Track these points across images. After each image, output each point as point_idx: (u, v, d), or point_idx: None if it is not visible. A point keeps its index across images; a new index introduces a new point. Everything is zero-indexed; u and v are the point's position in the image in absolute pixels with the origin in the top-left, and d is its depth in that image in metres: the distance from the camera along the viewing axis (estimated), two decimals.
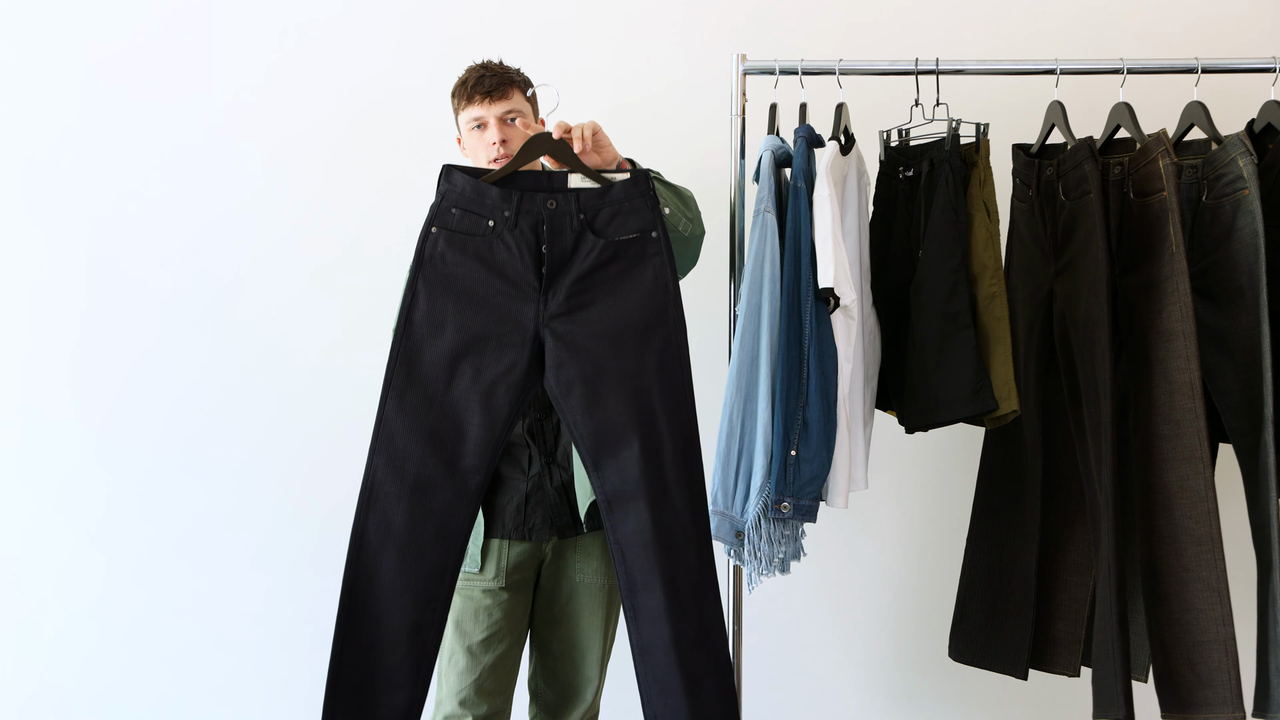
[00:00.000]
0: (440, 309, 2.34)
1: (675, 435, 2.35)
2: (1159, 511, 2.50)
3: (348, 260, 3.34)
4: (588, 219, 2.35)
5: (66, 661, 3.39)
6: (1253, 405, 2.49)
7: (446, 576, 2.36)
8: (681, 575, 2.34)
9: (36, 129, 3.34)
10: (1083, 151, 2.57)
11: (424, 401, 2.34)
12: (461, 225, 2.35)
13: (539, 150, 2.40)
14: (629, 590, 2.36)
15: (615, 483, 2.34)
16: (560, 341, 2.34)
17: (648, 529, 2.32)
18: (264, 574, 3.37)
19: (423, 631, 2.35)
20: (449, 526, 2.35)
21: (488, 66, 2.62)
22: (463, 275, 2.35)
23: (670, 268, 2.37)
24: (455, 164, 2.39)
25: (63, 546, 3.37)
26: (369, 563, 2.34)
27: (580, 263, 2.34)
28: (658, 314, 2.35)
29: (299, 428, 3.36)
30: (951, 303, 2.58)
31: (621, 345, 2.33)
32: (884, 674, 3.41)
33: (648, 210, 2.37)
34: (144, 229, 3.35)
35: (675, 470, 2.34)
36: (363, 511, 2.35)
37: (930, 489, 3.38)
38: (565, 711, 2.74)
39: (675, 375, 2.36)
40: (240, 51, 3.34)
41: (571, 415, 2.34)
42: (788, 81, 2.69)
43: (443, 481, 2.34)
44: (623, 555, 2.35)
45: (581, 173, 2.39)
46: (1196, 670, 2.46)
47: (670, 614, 2.33)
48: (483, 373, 2.34)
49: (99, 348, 3.36)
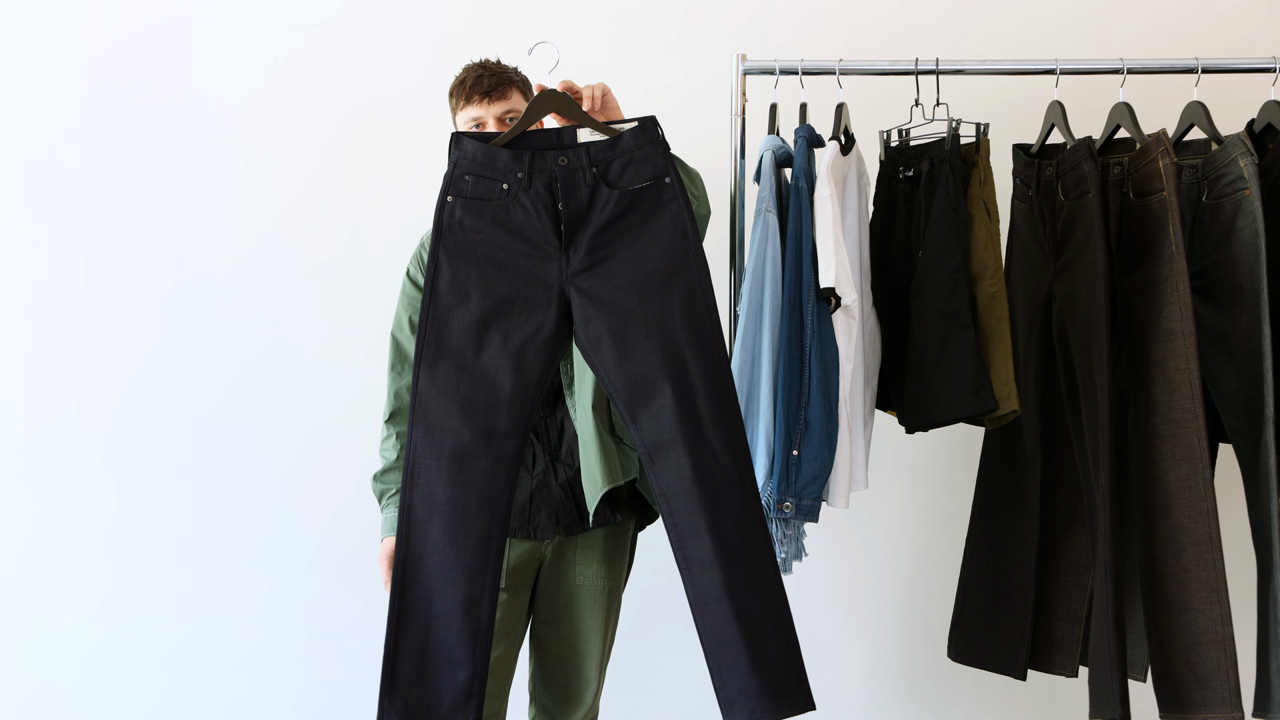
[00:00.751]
0: (464, 277, 2.32)
1: (707, 380, 2.31)
2: (1158, 511, 2.51)
3: (349, 260, 3.34)
4: (600, 172, 2.33)
5: (69, 665, 3.39)
6: (1253, 405, 2.49)
7: (493, 546, 2.34)
8: (727, 520, 2.30)
9: (34, 132, 3.34)
10: (1081, 152, 2.57)
11: (455, 371, 2.32)
12: (476, 191, 2.33)
13: (545, 108, 2.37)
14: (679, 541, 2.32)
15: (653, 432, 2.31)
16: (585, 297, 2.31)
17: (689, 475, 2.29)
18: (266, 575, 3.38)
19: (475, 604, 2.33)
20: (490, 494, 2.33)
21: (485, 66, 2.60)
22: (482, 241, 2.32)
23: (688, 211, 2.33)
24: (463, 131, 2.37)
25: (66, 550, 3.37)
26: (418, 538, 2.33)
27: (598, 216, 2.32)
28: (679, 259, 2.32)
29: (302, 430, 3.36)
30: (951, 303, 2.58)
31: (646, 293, 2.30)
32: (884, 674, 3.42)
33: (659, 156, 2.34)
34: (144, 231, 3.35)
35: (711, 415, 2.30)
36: (408, 487, 2.34)
37: (930, 489, 3.38)
38: (564, 713, 2.73)
39: (702, 319, 2.31)
40: (237, 53, 3.34)
41: (604, 369, 2.32)
42: (788, 81, 2.69)
43: (480, 450, 2.32)
44: (669, 505, 2.32)
45: (589, 126, 2.36)
46: (1195, 670, 2.46)
47: (720, 560, 2.29)
48: (511, 336, 2.32)
49: (101, 351, 3.36)
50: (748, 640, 2.30)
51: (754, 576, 2.32)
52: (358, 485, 3.19)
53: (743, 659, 2.31)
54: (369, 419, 3.22)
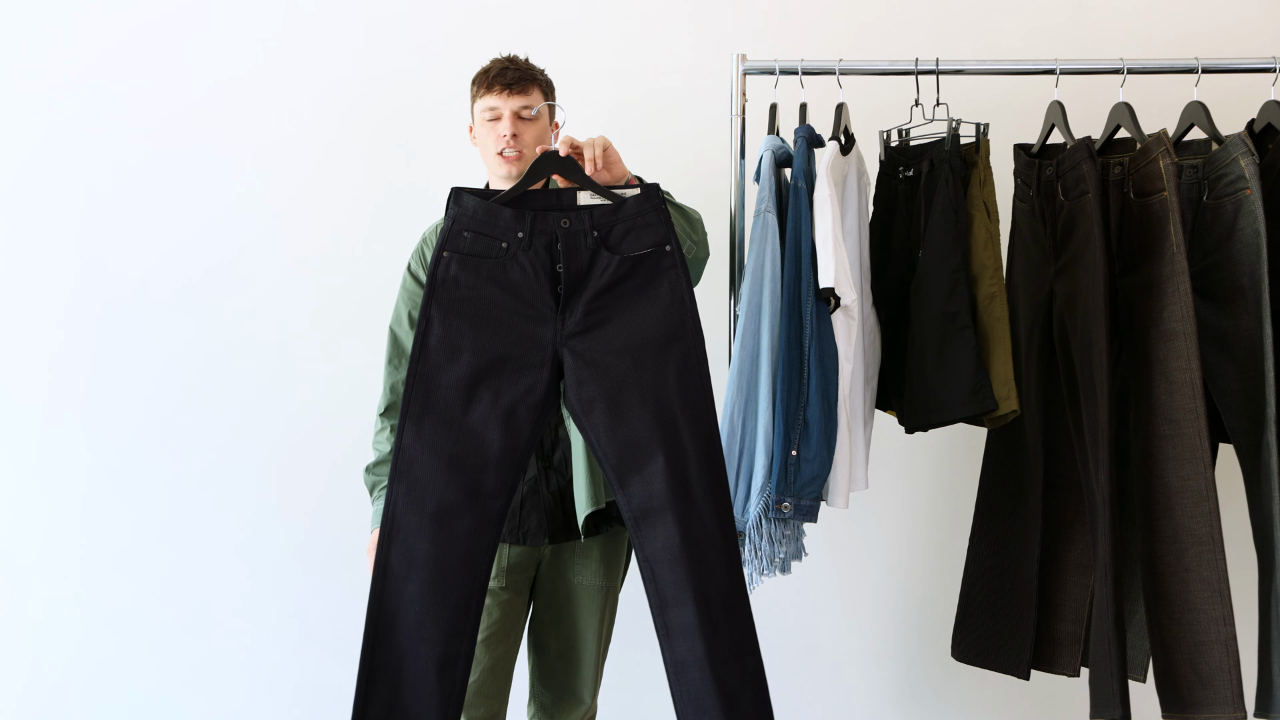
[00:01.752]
0: (455, 333, 2.31)
1: (699, 447, 2.31)
2: (1160, 511, 2.50)
3: (323, 247, 3.34)
4: (602, 236, 2.33)
5: (55, 652, 3.39)
6: (1254, 405, 2.49)
7: (472, 607, 2.31)
8: (712, 589, 2.30)
9: (21, 126, 3.34)
10: (1081, 152, 2.57)
11: (442, 428, 2.31)
12: (474, 248, 2.33)
13: (547, 169, 2.38)
14: (660, 607, 2.32)
15: (641, 498, 2.31)
16: (580, 359, 2.31)
17: (676, 543, 2.29)
18: (245, 563, 3.38)
19: (450, 665, 2.29)
20: (473, 554, 2.31)
21: (512, 60, 2.60)
22: (477, 298, 2.32)
23: (685, 280, 2.34)
24: (463, 187, 2.37)
25: (44, 538, 3.38)
26: (392, 596, 2.29)
27: (596, 280, 2.32)
28: (675, 327, 2.32)
29: (287, 419, 3.37)
30: (951, 303, 2.58)
31: (641, 360, 2.31)
32: (884, 673, 3.41)
33: (661, 224, 2.34)
34: (126, 220, 3.34)
35: (701, 482, 2.31)
36: (385, 544, 2.30)
37: (930, 489, 3.38)
38: (563, 712, 2.74)
39: (696, 387, 2.32)
40: (231, 50, 3.34)
41: (594, 433, 2.32)
42: (788, 81, 2.69)
43: (464, 508, 2.30)
44: (652, 572, 2.32)
45: (591, 190, 2.36)
46: (1198, 670, 2.46)
47: (703, 629, 2.29)
48: (501, 395, 2.31)
49: (82, 341, 3.35)
50: (727, 709, 2.30)
51: (735, 646, 2.32)
52: (338, 469, 3.25)
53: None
54: (354, 408, 3.26)
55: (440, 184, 2.96)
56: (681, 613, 2.30)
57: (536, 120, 2.57)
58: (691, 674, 2.30)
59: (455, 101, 3.31)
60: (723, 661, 2.30)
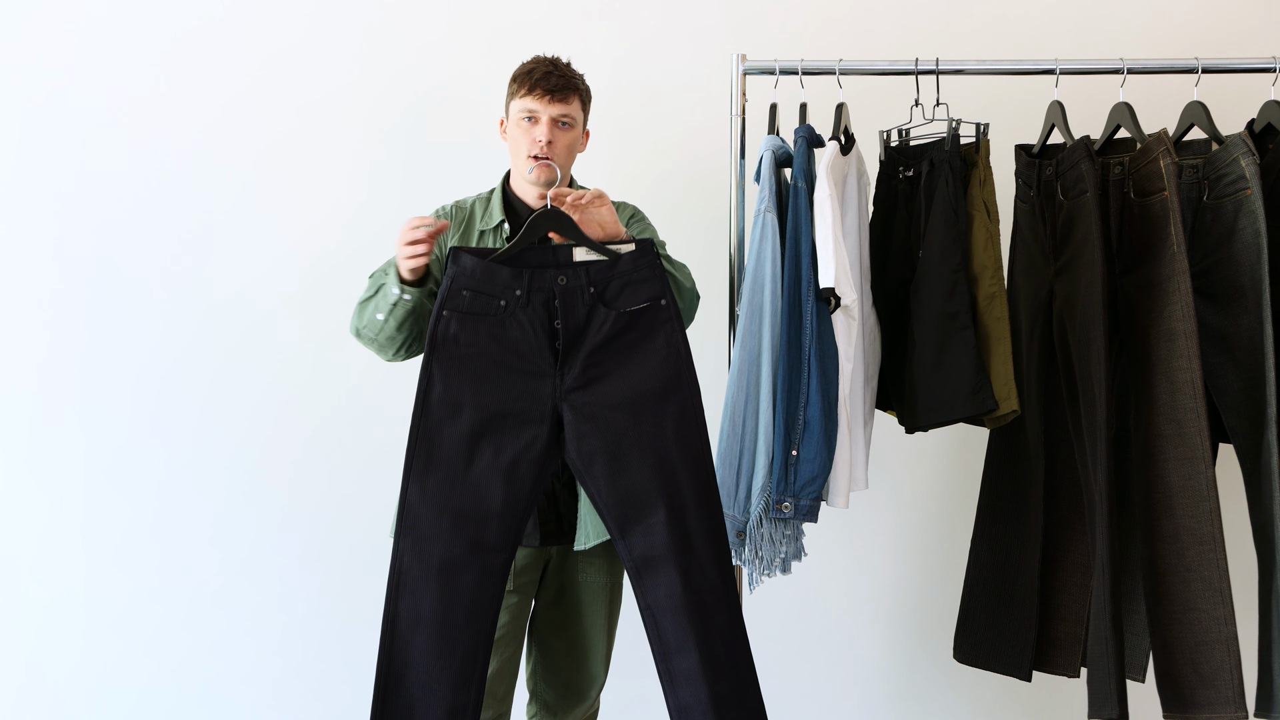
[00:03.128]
0: (457, 390, 2.35)
1: (698, 497, 2.37)
2: (1161, 511, 2.50)
3: (303, 235, 3.33)
4: (598, 292, 2.37)
5: (53, 650, 3.38)
6: (1254, 405, 2.49)
7: (479, 657, 2.36)
8: (714, 635, 2.37)
9: (20, 124, 3.33)
10: (1079, 152, 2.57)
11: (446, 483, 2.35)
12: (473, 306, 2.36)
13: (543, 228, 2.40)
14: (663, 654, 2.38)
15: (643, 549, 2.36)
16: (579, 414, 2.36)
17: (678, 592, 2.35)
18: (219, 552, 3.36)
19: (460, 714, 2.35)
20: (478, 606, 2.36)
21: (556, 64, 2.59)
22: (477, 355, 2.36)
23: (681, 333, 2.39)
24: (461, 247, 2.39)
25: (44, 537, 3.36)
26: (401, 649, 2.35)
27: (594, 335, 2.36)
28: (672, 379, 2.38)
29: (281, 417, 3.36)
30: (951, 303, 2.58)
31: (640, 413, 2.36)
32: (883, 674, 3.41)
33: (656, 279, 2.39)
34: (122, 219, 3.33)
35: (701, 531, 2.36)
36: (393, 597, 2.35)
37: (931, 489, 3.38)
38: (567, 710, 2.74)
39: (693, 438, 2.38)
40: (229, 51, 3.34)
41: (595, 486, 2.37)
42: (788, 81, 2.69)
43: (469, 562, 2.35)
44: (654, 620, 2.38)
45: (586, 246, 2.40)
46: (1199, 670, 2.46)
47: (706, 675, 2.35)
48: (503, 450, 2.35)
49: (72, 338, 3.34)
50: None
51: (738, 689, 2.39)
52: (320, 459, 3.28)
53: None
54: (351, 401, 3.28)
55: (442, 185, 2.99)
56: (685, 660, 2.36)
57: (571, 129, 2.58)
58: (696, 718, 2.37)
59: (454, 102, 3.33)
60: (725, 705, 2.37)
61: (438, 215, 2.65)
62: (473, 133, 3.23)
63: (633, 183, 3.00)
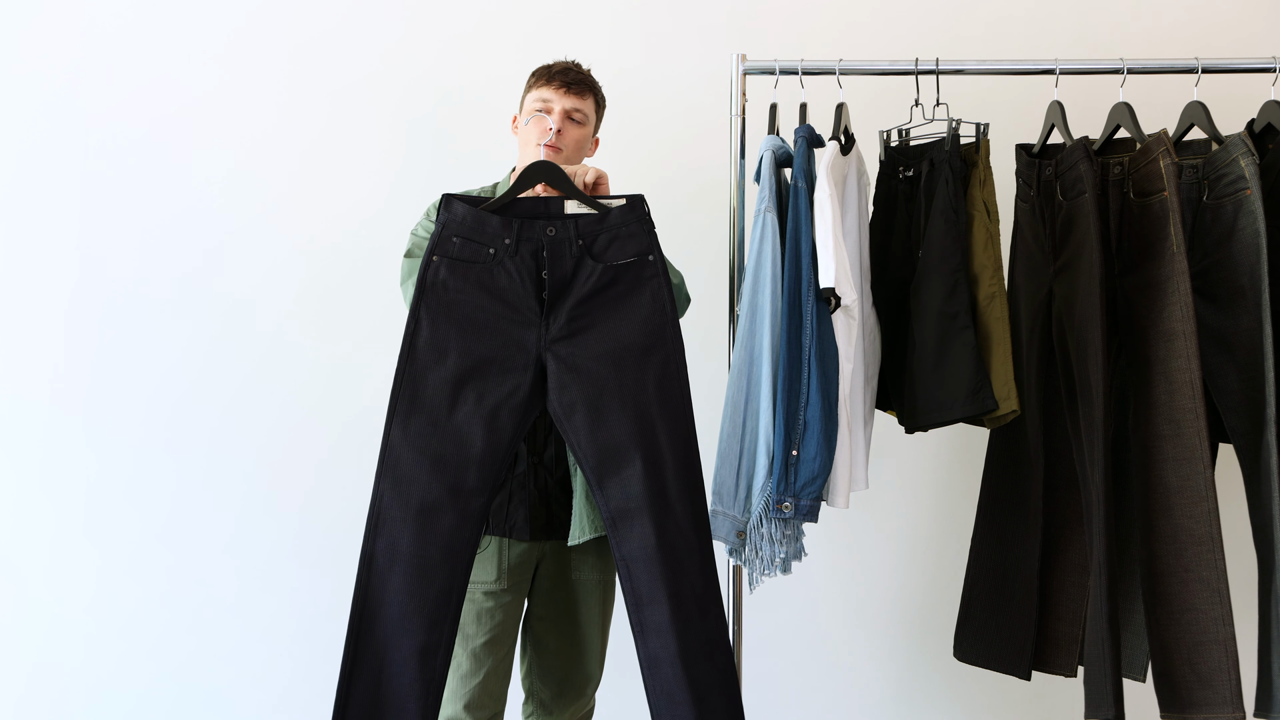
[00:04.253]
0: (443, 335, 2.39)
1: (676, 451, 2.40)
2: (1159, 511, 2.51)
3: (317, 245, 3.34)
4: (586, 244, 2.41)
5: (61, 654, 3.39)
6: (1254, 405, 2.49)
7: (453, 598, 2.39)
8: (685, 588, 2.38)
9: (25, 124, 3.34)
10: (1078, 152, 2.57)
11: (428, 426, 2.38)
12: (463, 253, 2.40)
13: (536, 178, 2.44)
14: (635, 605, 2.40)
15: (619, 500, 2.39)
16: (562, 364, 2.38)
17: (652, 543, 2.37)
18: (237, 560, 3.37)
19: (431, 654, 2.37)
20: (455, 549, 2.38)
21: (577, 66, 2.66)
22: (465, 301, 2.39)
23: (667, 289, 2.42)
24: (454, 193, 2.43)
25: (52, 539, 3.37)
26: (377, 586, 2.38)
27: (580, 287, 2.40)
28: (656, 335, 2.41)
29: (295, 418, 3.36)
30: (951, 303, 2.58)
31: (622, 366, 2.39)
32: (883, 673, 3.41)
33: (644, 234, 2.43)
34: (123, 218, 3.34)
35: (677, 486, 2.39)
36: (370, 535, 2.39)
37: (930, 489, 3.38)
38: (562, 708, 2.74)
39: (674, 393, 2.41)
40: (229, 47, 3.34)
41: (575, 436, 2.39)
42: (788, 81, 2.69)
43: (447, 505, 2.38)
44: (628, 570, 2.40)
45: (577, 199, 2.43)
46: (1197, 670, 2.46)
47: (676, 627, 2.37)
48: (486, 397, 2.38)
49: (87, 341, 3.35)
50: (697, 705, 2.38)
51: (707, 644, 2.40)
52: (334, 469, 3.27)
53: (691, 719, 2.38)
54: (355, 405, 3.27)
55: (442, 185, 2.99)
56: (655, 611, 2.38)
57: (582, 126, 2.62)
58: (664, 670, 2.38)
59: (453, 105, 3.33)
60: (695, 659, 2.38)
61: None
62: (480, 138, 3.25)
63: (633, 182, 3.00)
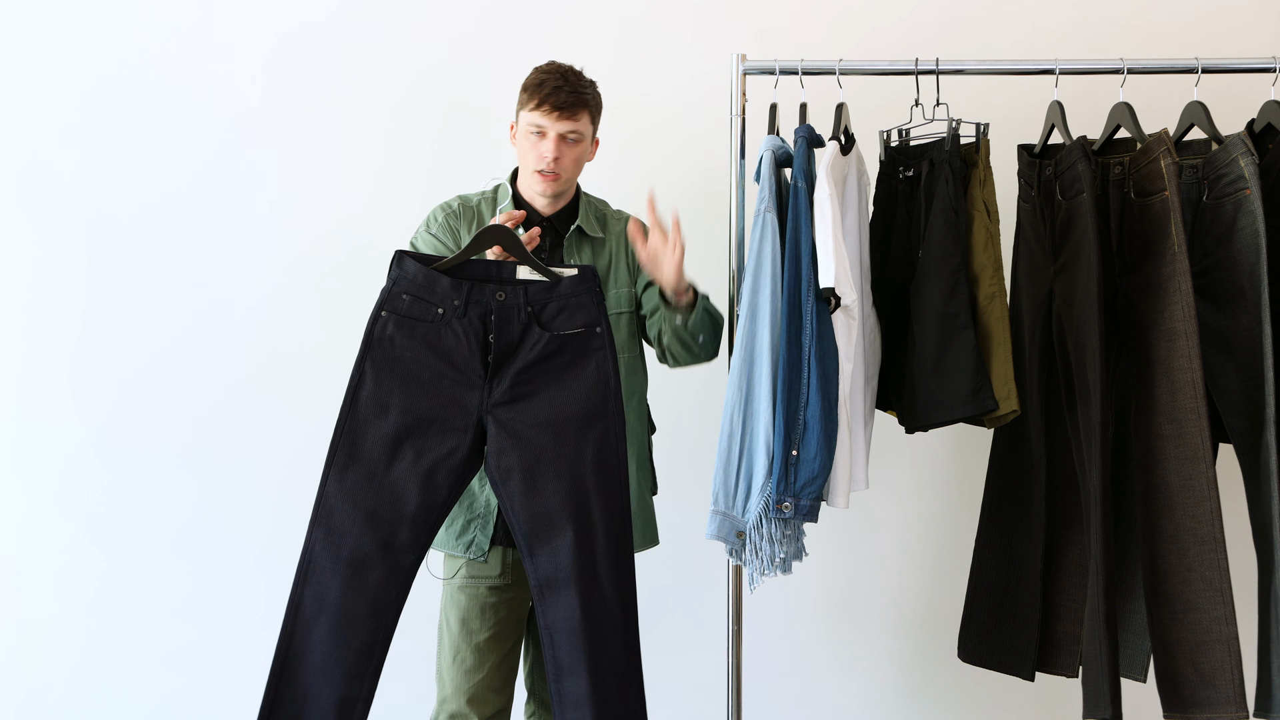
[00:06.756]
0: (386, 390, 2.41)
1: (608, 526, 2.42)
2: (1161, 511, 2.50)
3: (347, 260, 3.34)
4: (535, 312, 2.42)
5: (59, 659, 3.38)
6: (1254, 405, 2.49)
7: (375, 653, 2.41)
8: (607, 663, 2.41)
9: (36, 130, 3.34)
10: (1076, 152, 2.57)
11: (365, 480, 2.40)
12: (411, 311, 2.41)
13: (490, 241, 2.44)
14: (555, 675, 2.43)
15: (548, 569, 2.41)
16: (502, 428, 2.41)
17: (577, 615, 2.40)
18: (263, 574, 3.36)
19: (350, 706, 2.40)
20: (380, 604, 2.41)
21: (567, 78, 2.60)
22: (410, 359, 2.41)
23: (613, 362, 2.44)
24: (407, 250, 2.44)
25: (58, 544, 3.36)
26: (302, 634, 2.40)
27: (526, 353, 2.41)
28: (598, 407, 2.43)
29: (297, 427, 3.36)
30: (951, 303, 2.58)
31: (561, 435, 2.41)
32: (885, 673, 3.41)
33: (593, 306, 2.44)
34: (140, 227, 3.34)
35: (606, 560, 2.42)
36: (300, 583, 2.42)
37: (931, 489, 3.38)
38: None
39: (612, 467, 2.43)
40: (236, 54, 3.34)
41: (509, 501, 2.42)
42: (788, 81, 2.69)
43: (377, 560, 2.40)
44: (551, 640, 2.43)
45: (530, 265, 2.44)
46: (1199, 670, 2.46)
47: (594, 702, 2.40)
48: (424, 455, 2.41)
49: (98, 345, 3.35)
50: None
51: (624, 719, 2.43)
52: None
53: None
54: None
55: (445, 186, 2.99)
56: (575, 683, 2.41)
57: (578, 143, 2.61)
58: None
59: (452, 105, 3.33)
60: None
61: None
62: (482, 142, 3.26)
63: (633, 183, 3.00)
